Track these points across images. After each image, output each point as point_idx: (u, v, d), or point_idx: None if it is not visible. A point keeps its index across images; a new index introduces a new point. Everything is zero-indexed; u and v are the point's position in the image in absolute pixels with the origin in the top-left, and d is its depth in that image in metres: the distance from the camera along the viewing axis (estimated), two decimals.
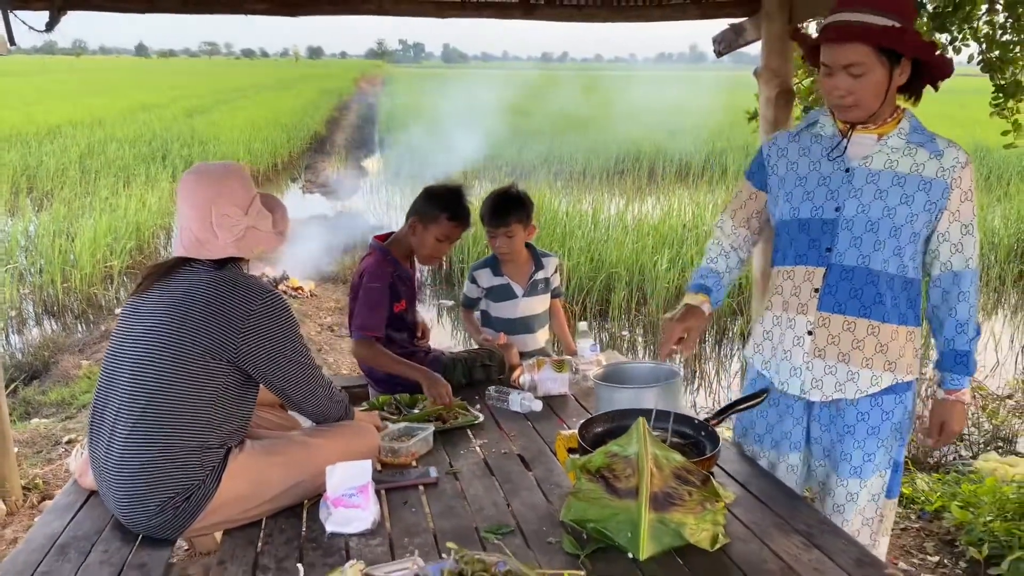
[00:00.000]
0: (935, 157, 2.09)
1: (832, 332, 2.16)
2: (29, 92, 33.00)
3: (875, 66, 2.00)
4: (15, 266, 8.22)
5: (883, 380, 2.16)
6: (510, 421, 2.84)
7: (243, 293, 2.11)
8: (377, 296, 3.06)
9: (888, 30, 1.97)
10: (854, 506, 2.23)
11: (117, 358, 2.13)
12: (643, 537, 1.86)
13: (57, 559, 1.99)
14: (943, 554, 3.43)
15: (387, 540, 2.01)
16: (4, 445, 3.67)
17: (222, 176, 2.18)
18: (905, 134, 2.12)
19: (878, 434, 2.19)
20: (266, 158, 17.51)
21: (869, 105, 2.06)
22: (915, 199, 2.08)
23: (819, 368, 2.19)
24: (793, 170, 2.24)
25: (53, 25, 3.46)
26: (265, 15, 3.75)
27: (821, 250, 2.16)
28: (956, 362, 2.16)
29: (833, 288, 2.15)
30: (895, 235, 2.09)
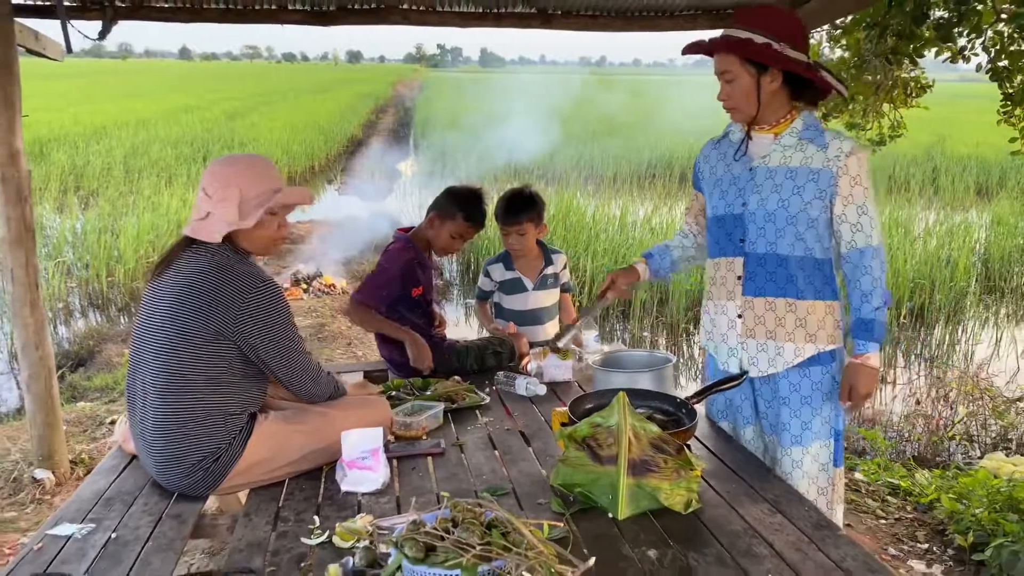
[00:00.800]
0: (822, 149, 2.36)
1: (757, 313, 2.45)
2: (77, 94, 33.94)
3: (742, 74, 2.33)
4: (63, 261, 8.62)
5: (806, 351, 2.42)
6: (515, 403, 3.06)
7: (239, 281, 2.29)
8: (385, 276, 3.32)
9: (749, 43, 2.30)
10: (801, 472, 2.45)
11: (141, 338, 2.37)
12: (622, 499, 2.07)
13: (104, 509, 2.25)
14: (933, 542, 3.58)
15: (395, 499, 2.25)
16: (55, 423, 3.99)
17: (211, 165, 2.42)
18: (797, 132, 2.40)
19: (811, 403, 2.44)
20: (304, 160, 17.94)
21: (744, 108, 2.38)
22: (806, 189, 2.36)
23: (752, 347, 2.47)
24: (714, 174, 2.56)
25: (106, 34, 3.77)
26: (300, 25, 4.02)
27: (736, 242, 2.47)
28: (862, 329, 2.37)
29: (752, 274, 2.45)
30: (792, 223, 2.37)
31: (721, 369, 2.57)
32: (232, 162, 2.42)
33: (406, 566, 1.70)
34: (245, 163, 2.41)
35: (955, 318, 7.95)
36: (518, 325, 3.66)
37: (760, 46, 2.28)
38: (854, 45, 5.07)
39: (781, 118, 2.40)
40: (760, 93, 2.34)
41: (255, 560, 1.92)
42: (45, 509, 3.72)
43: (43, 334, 3.89)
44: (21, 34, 3.73)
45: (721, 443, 2.59)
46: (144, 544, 2.04)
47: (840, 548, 1.93)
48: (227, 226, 2.32)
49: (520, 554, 1.68)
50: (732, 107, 2.40)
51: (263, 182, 2.37)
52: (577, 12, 4.18)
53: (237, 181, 2.34)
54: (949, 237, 9.76)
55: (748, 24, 2.33)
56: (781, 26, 2.33)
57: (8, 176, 3.67)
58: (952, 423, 5.12)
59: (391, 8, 3.98)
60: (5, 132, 3.64)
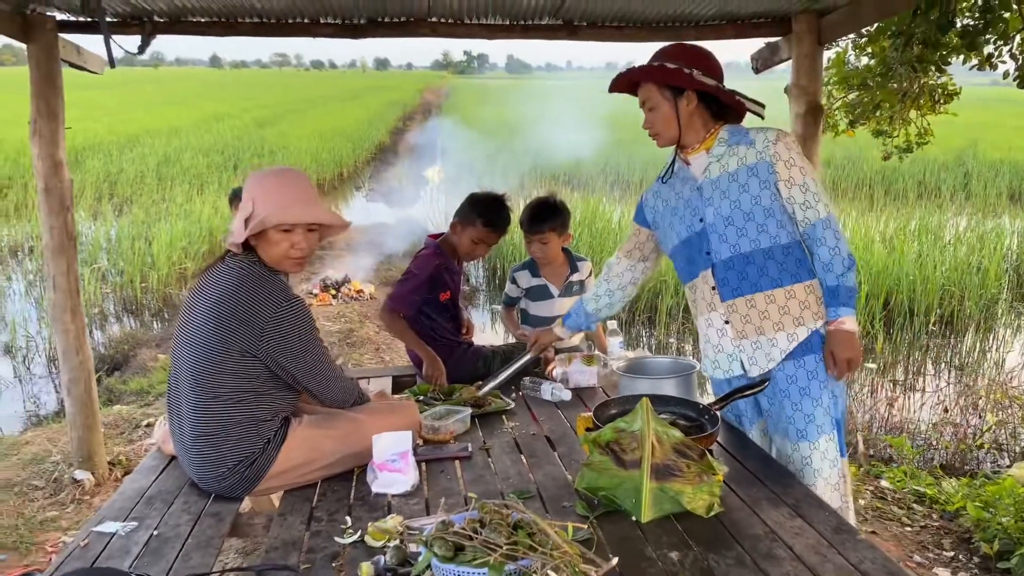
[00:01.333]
0: (750, 146, 2.50)
1: (741, 314, 2.55)
2: (111, 103, 34.56)
3: (660, 100, 2.52)
4: (98, 267, 8.81)
5: (799, 334, 2.50)
6: (541, 408, 3.12)
7: (263, 300, 2.34)
8: (414, 281, 3.40)
9: (660, 69, 2.47)
10: (811, 470, 2.52)
11: (178, 347, 2.46)
12: (645, 503, 2.12)
13: (146, 507, 2.34)
14: (959, 550, 3.58)
15: (424, 500, 2.32)
16: (94, 425, 4.11)
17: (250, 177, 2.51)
18: (724, 140, 2.55)
19: (809, 393, 2.51)
20: (332, 167, 18.15)
21: (666, 133, 2.56)
22: (750, 185, 2.49)
23: (748, 347, 2.56)
24: (668, 205, 2.70)
25: (144, 48, 3.89)
26: (331, 38, 4.12)
27: (703, 256, 2.59)
28: (830, 296, 2.48)
29: (724, 280, 2.55)
30: (750, 219, 2.49)
31: (725, 380, 2.66)
32: (262, 175, 2.49)
33: (435, 564, 1.76)
34: (268, 177, 2.47)
35: (985, 325, 7.88)
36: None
37: (672, 71, 2.46)
38: (879, 53, 5.08)
39: (705, 135, 2.56)
40: (679, 115, 2.51)
41: (291, 557, 2.00)
42: (85, 509, 3.84)
43: (83, 339, 4.01)
44: (64, 49, 3.87)
45: (742, 448, 2.63)
46: (184, 541, 2.12)
47: (859, 552, 1.96)
48: (233, 237, 2.41)
49: (545, 554, 1.73)
50: (655, 133, 2.57)
51: (273, 198, 2.38)
52: (603, 23, 4.23)
53: (254, 194, 2.40)
54: (980, 243, 9.67)
55: (658, 57, 2.54)
56: (689, 56, 2.52)
57: (51, 186, 3.80)
58: (981, 431, 5.09)
59: (420, 21, 4.07)
60: (49, 144, 3.78)
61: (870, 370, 6.44)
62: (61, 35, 3.81)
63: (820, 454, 2.52)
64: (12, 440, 4.79)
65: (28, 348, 6.91)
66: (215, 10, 3.85)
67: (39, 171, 3.80)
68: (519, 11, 3.99)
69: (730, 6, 3.90)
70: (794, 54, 4.04)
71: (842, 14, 3.80)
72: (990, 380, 6.43)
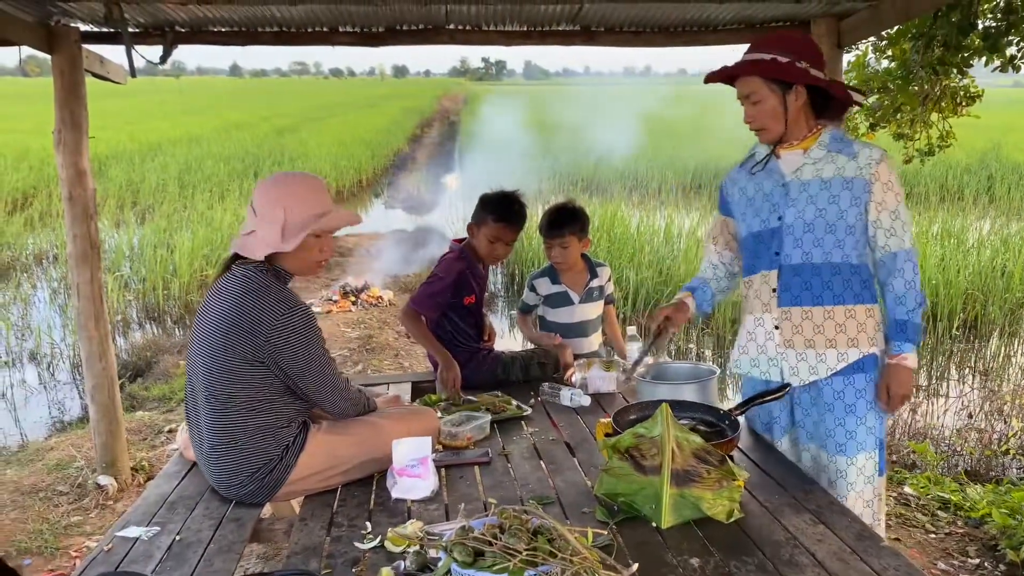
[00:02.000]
0: (852, 159, 2.42)
1: (794, 323, 2.49)
2: (133, 113, 34.94)
3: (768, 94, 2.40)
4: (121, 274, 8.90)
5: (850, 355, 2.46)
6: (560, 414, 3.12)
7: (270, 308, 2.33)
8: (439, 284, 3.39)
9: (771, 63, 2.37)
10: (845, 483, 2.48)
11: (193, 356, 2.47)
12: (665, 509, 2.12)
13: (169, 512, 2.36)
14: (984, 557, 3.54)
15: (443, 506, 2.32)
16: (117, 431, 4.16)
17: (261, 183, 2.50)
18: (825, 145, 2.46)
19: (855, 412, 2.47)
20: (351, 175, 18.24)
21: (772, 127, 2.45)
22: (841, 198, 2.42)
23: (791, 357, 2.51)
24: (744, 194, 2.62)
25: (166, 58, 3.93)
26: (350, 46, 4.15)
27: (771, 255, 2.52)
28: (897, 331, 2.43)
29: (787, 285, 2.49)
30: (831, 231, 2.43)
31: (762, 380, 2.60)
32: (282, 182, 2.48)
33: (455, 570, 1.76)
34: (294, 184, 2.46)
35: (1010, 330, 7.78)
36: (564, 338, 3.72)
37: (784, 64, 2.36)
38: (900, 56, 5.05)
39: (807, 133, 2.47)
40: (787, 111, 2.41)
41: (311, 562, 2.01)
42: (108, 514, 3.88)
43: (106, 346, 4.06)
44: (88, 59, 3.92)
45: (764, 454, 2.61)
46: (206, 546, 2.14)
47: (882, 559, 1.94)
48: (268, 247, 2.39)
49: (565, 559, 1.73)
50: (759, 128, 2.47)
51: (309, 206, 2.41)
52: (620, 28, 4.23)
53: (284, 202, 2.39)
54: (1004, 247, 9.55)
55: (766, 48, 2.41)
56: (799, 47, 2.41)
57: (75, 195, 3.85)
58: (1006, 437, 5.03)
59: (438, 29, 4.09)
60: (73, 153, 3.83)
61: None
62: (84, 46, 3.87)
63: (857, 469, 2.48)
64: (37, 446, 4.85)
65: (53, 355, 6.99)
66: (235, 20, 3.89)
67: (63, 180, 3.86)
68: (536, 17, 4.00)
69: (749, 10, 3.89)
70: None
71: (862, 17, 3.77)
72: (1015, 385, 6.35)
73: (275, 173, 2.58)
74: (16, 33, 3.53)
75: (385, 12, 3.77)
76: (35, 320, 7.86)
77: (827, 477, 2.52)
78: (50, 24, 3.73)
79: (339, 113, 38.93)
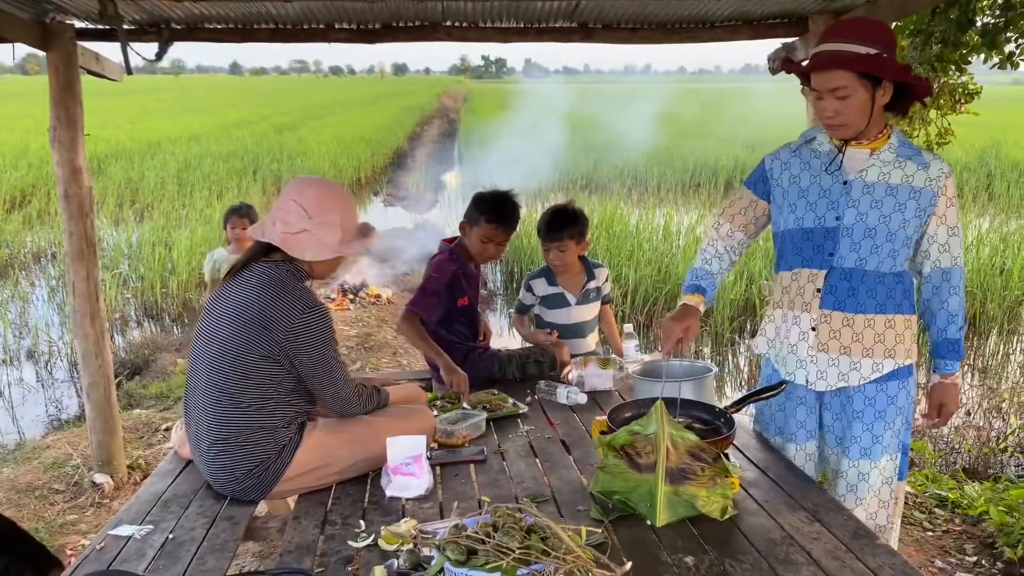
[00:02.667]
0: (923, 168, 2.34)
1: (833, 327, 2.40)
2: (133, 111, 34.91)
3: (858, 89, 2.23)
4: (119, 272, 8.89)
5: (885, 366, 2.39)
6: (556, 412, 3.11)
7: (291, 304, 2.35)
8: (434, 286, 3.38)
9: (867, 57, 2.20)
10: (866, 486, 2.44)
11: (200, 352, 2.46)
12: (659, 507, 2.11)
13: (162, 510, 2.35)
14: (982, 555, 3.53)
15: (438, 504, 2.31)
16: (113, 429, 4.15)
17: (303, 183, 2.52)
18: (895, 149, 2.35)
19: (884, 417, 2.42)
20: (350, 172, 18.22)
21: (856, 124, 2.30)
22: (907, 207, 2.32)
23: (823, 361, 2.42)
24: (796, 183, 2.45)
25: (162, 55, 3.92)
26: (347, 43, 4.13)
27: (824, 255, 2.39)
28: (949, 349, 2.40)
29: (833, 288, 2.39)
30: (891, 239, 2.33)
31: (786, 378, 2.51)
32: (331, 187, 2.56)
33: (448, 568, 1.75)
34: (342, 192, 2.57)
35: (1009, 327, 7.77)
36: (560, 338, 3.70)
37: (878, 58, 2.21)
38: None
39: (879, 133, 2.36)
40: (874, 107, 2.27)
41: (304, 561, 2.00)
42: (104, 512, 3.87)
43: (103, 344, 4.05)
44: (83, 57, 3.91)
45: (760, 452, 2.60)
46: (199, 545, 2.13)
47: (878, 557, 1.93)
48: (325, 249, 2.44)
49: (558, 558, 1.72)
50: (842, 123, 2.29)
51: (354, 216, 2.54)
52: (618, 25, 4.22)
53: (340, 208, 2.47)
54: (1004, 245, 9.54)
55: (851, 37, 2.23)
56: (885, 37, 2.27)
57: (71, 193, 3.84)
58: (1004, 435, 5.02)
59: (435, 26, 4.07)
60: (68, 151, 3.82)
61: None
62: (80, 43, 3.85)
63: (879, 471, 2.44)
64: (34, 444, 4.84)
65: (50, 353, 6.99)
66: (232, 17, 3.87)
67: (59, 177, 3.85)
68: (533, 14, 3.99)
69: (746, 7, 3.87)
70: (811, 54, 4.00)
71: (860, 13, 3.76)
72: (1014, 383, 6.34)
73: (310, 176, 2.61)
74: (11, 30, 3.51)
75: (382, 9, 3.76)
76: (33, 318, 7.85)
77: (846, 483, 2.46)
78: (45, 21, 3.72)
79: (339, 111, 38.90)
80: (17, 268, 10.03)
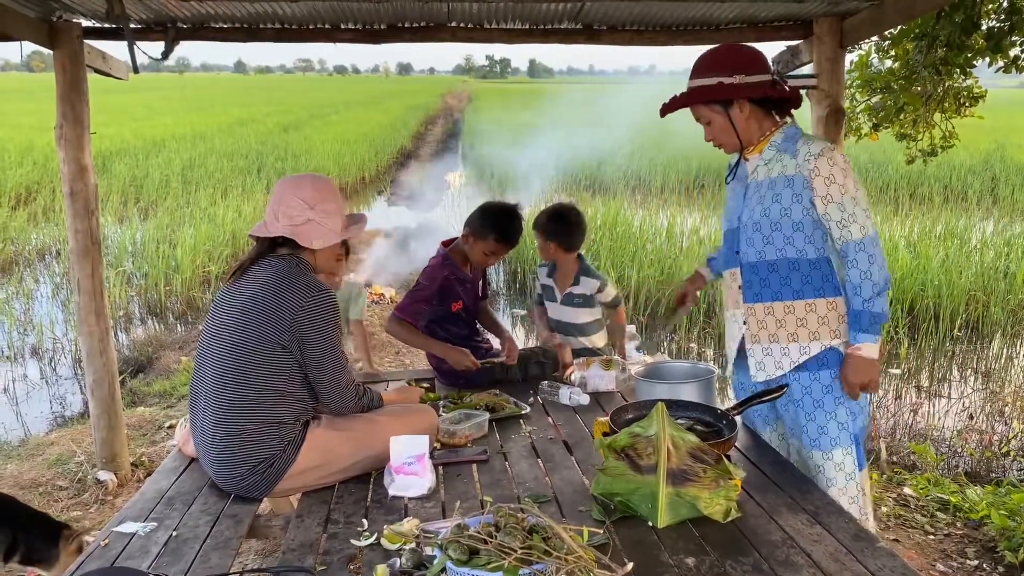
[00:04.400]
0: (792, 156, 2.47)
1: (758, 319, 2.56)
2: (137, 108, 34.95)
3: (713, 115, 2.54)
4: (123, 270, 8.91)
5: (811, 348, 2.50)
6: (559, 412, 3.12)
7: (302, 288, 2.43)
8: (423, 292, 3.41)
9: (706, 88, 2.49)
10: (823, 478, 2.52)
11: (208, 346, 2.50)
12: (661, 508, 2.12)
13: (166, 508, 2.36)
14: (983, 559, 3.53)
15: (440, 504, 2.32)
16: (117, 426, 4.16)
17: (300, 178, 2.61)
18: (776, 145, 2.54)
19: (823, 407, 2.50)
20: (354, 172, 18.23)
21: (728, 141, 2.58)
22: (782, 195, 2.48)
23: (758, 352, 2.57)
24: (727, 193, 2.75)
25: (168, 54, 3.93)
26: (352, 43, 4.15)
27: (733, 253, 2.64)
28: (854, 321, 2.45)
29: (749, 282, 2.57)
30: (777, 229, 2.49)
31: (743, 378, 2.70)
32: (323, 180, 2.66)
33: (450, 568, 1.76)
34: (332, 184, 2.66)
35: (1012, 331, 7.76)
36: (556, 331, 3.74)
37: (713, 87, 2.47)
38: (903, 56, 5.03)
39: (761, 136, 2.55)
40: (735, 125, 2.51)
41: (307, 559, 2.01)
42: (107, 509, 3.89)
43: (107, 341, 4.06)
44: (90, 55, 3.92)
45: (762, 454, 2.61)
46: (203, 542, 2.15)
47: (878, 559, 1.94)
48: (331, 234, 2.54)
49: (560, 558, 1.73)
50: (719, 144, 2.60)
51: (342, 206, 2.62)
52: (622, 27, 4.23)
53: (334, 197, 2.58)
54: (1008, 248, 9.52)
55: (701, 73, 2.52)
56: (730, 61, 2.50)
57: (77, 190, 3.86)
58: (1007, 439, 5.02)
59: (440, 26, 4.08)
60: (75, 148, 3.83)
61: (894, 376, 6.36)
62: (86, 41, 3.87)
63: (834, 465, 2.51)
64: (38, 440, 4.86)
65: (55, 350, 7.00)
66: (238, 16, 3.89)
67: (65, 175, 3.86)
68: (538, 15, 3.99)
69: (750, 9, 3.88)
70: (815, 57, 4.01)
71: (864, 17, 3.76)
72: (1017, 387, 6.33)
73: (299, 174, 2.72)
74: (18, 28, 3.53)
75: (387, 9, 3.77)
76: (37, 315, 7.87)
77: (808, 472, 2.56)
78: (52, 20, 3.73)
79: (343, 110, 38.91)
80: (22, 265, 10.05)
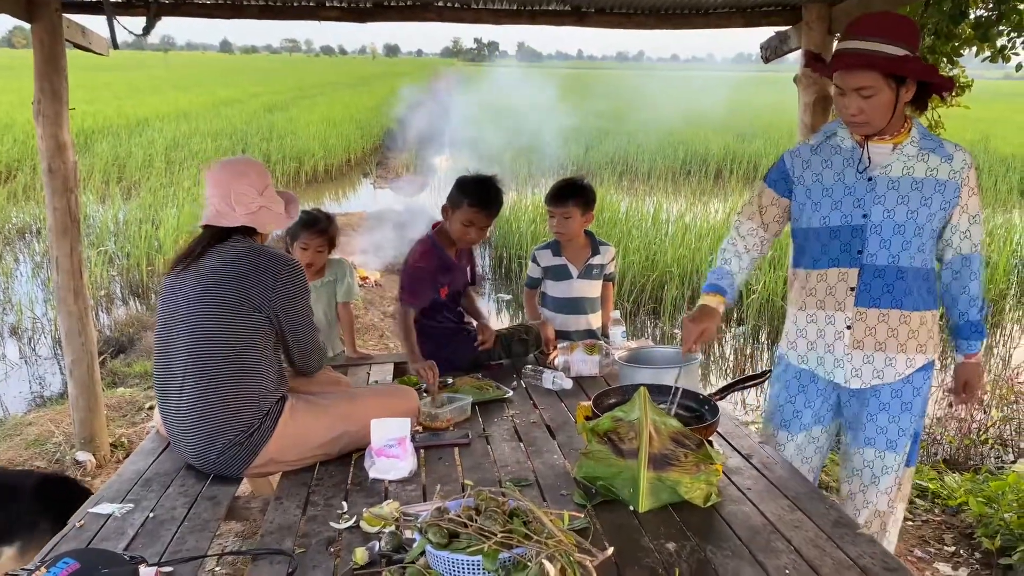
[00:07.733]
0: (946, 161, 2.33)
1: (869, 325, 2.40)
2: (121, 87, 34.52)
3: (883, 89, 2.23)
4: (105, 250, 8.82)
5: (917, 361, 2.43)
6: (542, 396, 3.11)
7: (274, 260, 2.48)
8: (421, 275, 3.37)
9: (896, 59, 2.20)
10: (891, 476, 2.47)
11: (175, 327, 2.46)
12: (642, 493, 2.11)
13: (143, 489, 2.34)
14: (960, 545, 3.56)
15: (421, 487, 2.31)
16: (96, 407, 4.12)
17: (240, 164, 2.60)
18: (916, 142, 2.35)
19: (911, 409, 2.45)
20: (340, 153, 18.11)
21: (878, 122, 2.29)
22: (933, 200, 2.33)
23: (858, 358, 2.43)
24: (819, 181, 2.44)
25: (149, 29, 3.87)
26: (337, 21, 4.09)
27: (853, 253, 2.39)
28: (972, 331, 2.45)
29: (867, 286, 2.39)
30: (919, 234, 2.34)
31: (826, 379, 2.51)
32: (256, 163, 2.67)
33: (429, 551, 1.75)
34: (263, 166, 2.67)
35: (992, 320, 7.82)
36: (560, 313, 3.73)
37: (900, 59, 2.20)
38: None
39: (901, 127, 2.35)
40: (897, 105, 2.27)
41: (286, 541, 2.00)
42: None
43: (86, 321, 4.01)
44: (69, 29, 3.85)
45: (744, 440, 2.61)
46: (180, 524, 2.13)
47: (858, 546, 1.95)
48: (280, 218, 2.60)
49: (540, 542, 1.72)
50: (864, 121, 2.29)
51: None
52: (611, 10, 4.20)
53: (270, 181, 2.61)
54: (990, 238, 9.59)
55: (881, 36, 2.22)
56: (911, 36, 2.26)
57: (55, 168, 3.80)
58: (985, 427, 5.06)
59: (426, 5, 4.04)
60: (52, 124, 3.77)
61: None
62: (65, 15, 3.80)
63: (895, 460, 2.47)
64: (16, 421, 4.81)
65: (34, 329, 6.93)
66: None
67: (43, 152, 3.80)
68: None
69: None
70: (804, 43, 4.00)
71: (853, 3, 3.75)
72: (996, 376, 6.38)
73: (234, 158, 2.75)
74: None
75: None
76: (17, 294, 7.78)
77: (871, 471, 2.48)
78: None
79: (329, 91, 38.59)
80: (1, 243, 9.93)
